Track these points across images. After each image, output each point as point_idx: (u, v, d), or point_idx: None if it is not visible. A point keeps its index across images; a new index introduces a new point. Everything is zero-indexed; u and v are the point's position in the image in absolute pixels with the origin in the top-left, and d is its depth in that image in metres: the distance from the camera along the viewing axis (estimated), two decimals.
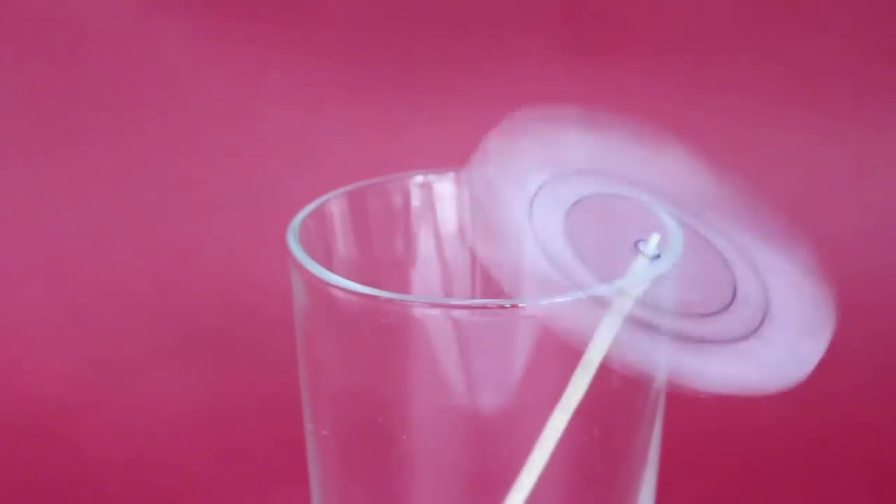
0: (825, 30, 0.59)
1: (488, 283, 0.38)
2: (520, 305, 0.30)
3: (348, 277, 0.31)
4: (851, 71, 0.60)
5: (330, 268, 0.31)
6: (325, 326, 0.32)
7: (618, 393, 0.32)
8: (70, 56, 0.60)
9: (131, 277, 0.58)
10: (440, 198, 0.37)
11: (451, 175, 0.37)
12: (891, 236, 0.58)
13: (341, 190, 0.36)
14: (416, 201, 0.37)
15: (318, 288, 0.31)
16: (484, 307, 0.30)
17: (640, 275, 0.30)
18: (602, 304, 0.29)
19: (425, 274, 0.38)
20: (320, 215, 0.35)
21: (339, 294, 0.31)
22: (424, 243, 0.37)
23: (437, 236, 0.37)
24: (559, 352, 0.31)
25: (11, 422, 0.53)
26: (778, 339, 0.28)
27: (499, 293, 0.38)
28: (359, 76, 0.60)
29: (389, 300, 0.30)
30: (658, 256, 0.30)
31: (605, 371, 0.32)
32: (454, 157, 0.35)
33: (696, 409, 0.52)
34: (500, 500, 0.32)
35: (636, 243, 0.31)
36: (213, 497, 0.49)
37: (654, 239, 0.31)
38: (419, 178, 0.37)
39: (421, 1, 0.60)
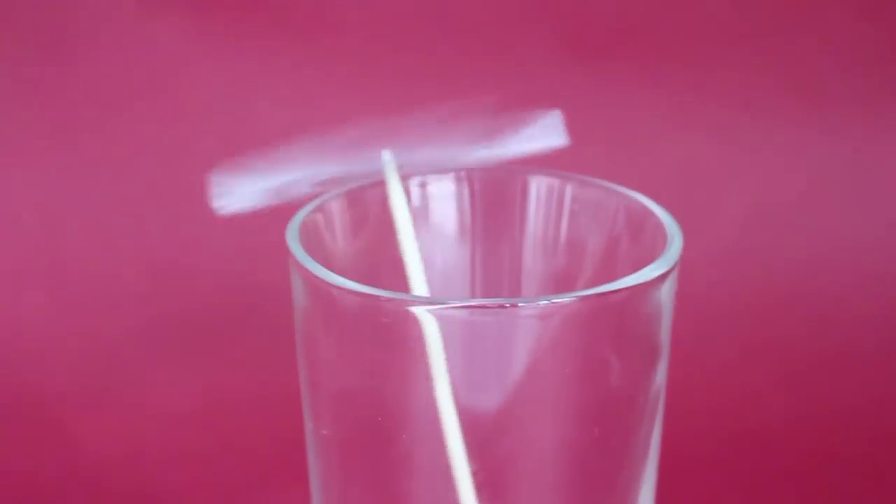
0: (824, 30, 0.59)
1: (488, 283, 0.38)
2: (519, 305, 0.30)
3: (348, 277, 0.31)
4: (851, 71, 0.60)
5: (330, 268, 0.31)
6: (324, 326, 0.32)
7: (617, 392, 0.32)
8: (69, 55, 0.60)
9: (131, 277, 0.58)
10: (440, 197, 0.37)
11: (451, 175, 0.37)
12: (891, 236, 0.58)
13: (341, 189, 0.36)
14: (415, 201, 0.37)
15: (317, 288, 0.31)
16: (483, 307, 0.31)
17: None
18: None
19: (425, 274, 0.38)
20: (320, 214, 0.35)
21: (339, 294, 0.31)
22: (424, 243, 0.37)
23: (437, 236, 0.38)
24: (559, 351, 0.31)
25: (10, 420, 0.53)
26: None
27: (498, 293, 0.38)
28: (358, 76, 0.60)
29: (389, 300, 0.30)
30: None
31: (604, 371, 0.32)
32: None
33: (697, 409, 0.53)
34: (500, 499, 0.32)
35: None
36: (213, 497, 0.49)
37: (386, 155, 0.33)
38: (419, 178, 0.37)
39: (421, 1, 0.60)
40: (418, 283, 0.33)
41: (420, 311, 0.30)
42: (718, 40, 0.60)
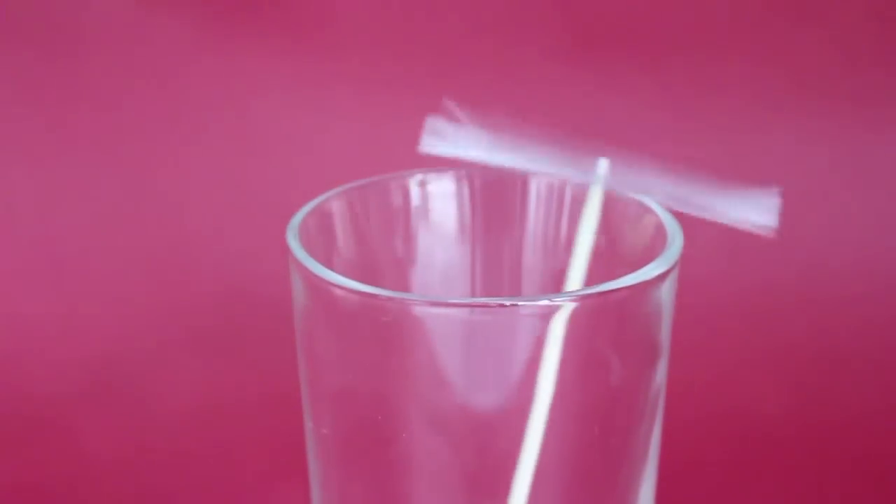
0: (825, 30, 0.59)
1: (488, 282, 0.38)
2: (519, 304, 0.30)
3: (348, 276, 0.31)
4: (851, 71, 0.60)
5: (330, 267, 0.31)
6: (324, 325, 0.32)
7: (617, 391, 0.32)
8: (69, 54, 0.60)
9: (130, 277, 0.58)
10: (440, 196, 0.37)
11: (451, 174, 0.37)
12: (891, 236, 0.58)
13: (341, 189, 0.36)
14: (416, 200, 0.37)
15: (318, 287, 0.31)
16: (484, 306, 0.31)
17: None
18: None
19: (425, 273, 0.38)
20: (320, 214, 0.35)
21: (339, 293, 0.31)
22: (424, 242, 0.37)
23: (437, 235, 0.38)
24: (559, 350, 0.31)
25: (10, 420, 0.53)
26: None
27: (499, 292, 0.38)
28: (358, 75, 0.60)
29: (389, 299, 0.30)
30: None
31: (604, 370, 0.32)
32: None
33: (697, 408, 0.53)
34: (499, 498, 0.32)
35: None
36: (213, 496, 0.49)
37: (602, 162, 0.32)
38: (419, 177, 0.37)
39: (421, 1, 0.60)
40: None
41: (420, 311, 0.30)
42: (718, 39, 0.60)
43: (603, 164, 0.33)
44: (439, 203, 0.37)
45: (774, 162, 0.59)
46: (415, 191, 0.37)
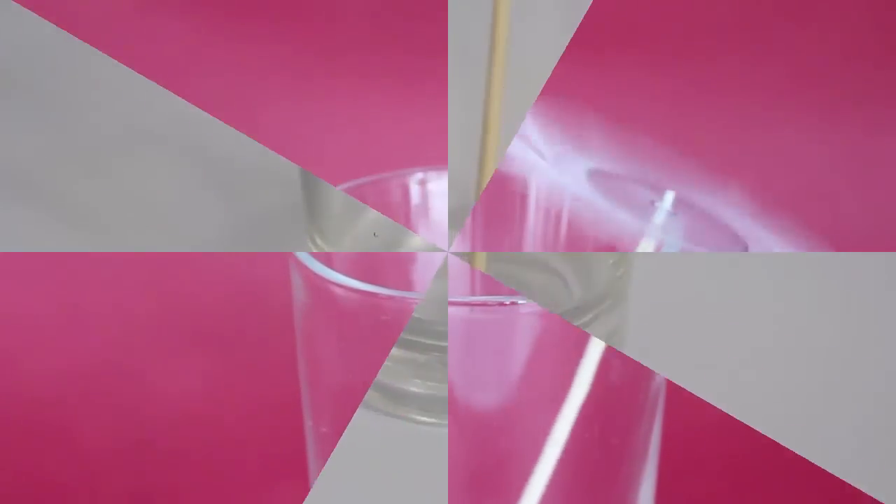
0: (825, 29, 0.59)
1: (488, 281, 0.38)
2: (519, 303, 0.30)
3: (348, 275, 0.31)
4: (851, 71, 0.60)
5: (330, 266, 0.31)
6: (324, 324, 0.32)
7: (618, 390, 0.32)
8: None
9: (130, 275, 0.58)
10: (440, 195, 0.37)
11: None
12: (890, 236, 0.58)
13: (341, 187, 0.36)
14: (415, 198, 0.37)
15: (318, 285, 0.31)
16: (483, 304, 0.31)
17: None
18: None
19: (425, 272, 0.38)
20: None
21: (339, 291, 0.31)
22: (425, 241, 0.37)
23: (437, 234, 0.38)
24: (558, 348, 0.31)
25: (9, 420, 0.53)
26: None
27: (498, 290, 0.38)
28: (359, 73, 0.60)
29: (389, 297, 0.30)
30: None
31: (604, 369, 0.32)
32: None
33: (697, 406, 0.52)
34: (500, 497, 0.32)
35: (651, 202, 0.32)
36: (213, 494, 0.49)
37: (669, 195, 0.32)
38: (419, 175, 0.37)
39: (423, 1, 0.60)
40: None
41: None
42: (718, 39, 0.60)
43: (669, 198, 0.33)
44: (439, 202, 0.37)
45: (774, 161, 0.59)
46: (415, 189, 0.37)
